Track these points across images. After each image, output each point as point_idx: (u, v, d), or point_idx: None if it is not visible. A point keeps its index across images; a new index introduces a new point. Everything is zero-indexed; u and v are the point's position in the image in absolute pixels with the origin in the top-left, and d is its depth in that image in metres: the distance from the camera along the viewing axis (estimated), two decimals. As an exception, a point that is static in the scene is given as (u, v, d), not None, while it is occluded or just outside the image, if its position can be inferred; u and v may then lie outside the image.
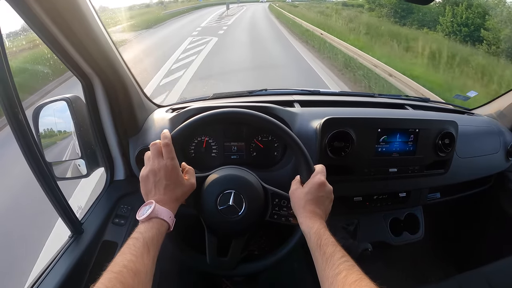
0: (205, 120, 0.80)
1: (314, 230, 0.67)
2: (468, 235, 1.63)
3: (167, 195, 0.69)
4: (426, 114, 1.29)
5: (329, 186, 0.77)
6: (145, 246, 0.59)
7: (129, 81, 1.01)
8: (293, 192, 0.79)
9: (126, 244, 0.59)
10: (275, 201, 0.83)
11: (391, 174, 1.10)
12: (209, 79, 6.11)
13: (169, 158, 0.71)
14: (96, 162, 1.04)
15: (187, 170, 0.79)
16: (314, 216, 0.72)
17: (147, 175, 0.71)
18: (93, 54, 0.85)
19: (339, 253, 0.61)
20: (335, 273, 0.57)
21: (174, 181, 0.71)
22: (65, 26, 0.74)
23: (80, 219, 0.95)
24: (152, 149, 0.72)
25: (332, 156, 1.01)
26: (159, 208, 0.66)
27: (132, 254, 0.56)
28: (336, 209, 0.81)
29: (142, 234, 0.61)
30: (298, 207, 0.75)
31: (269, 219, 0.82)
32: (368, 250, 1.05)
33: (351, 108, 1.23)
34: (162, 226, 0.65)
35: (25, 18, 0.70)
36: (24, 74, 4.15)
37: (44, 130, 0.96)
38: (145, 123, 1.09)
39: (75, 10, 0.75)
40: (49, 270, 0.82)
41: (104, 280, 0.51)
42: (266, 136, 1.08)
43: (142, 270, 0.55)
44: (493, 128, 1.39)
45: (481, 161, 1.31)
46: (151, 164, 0.71)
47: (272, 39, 11.81)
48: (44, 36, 0.75)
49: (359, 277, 0.54)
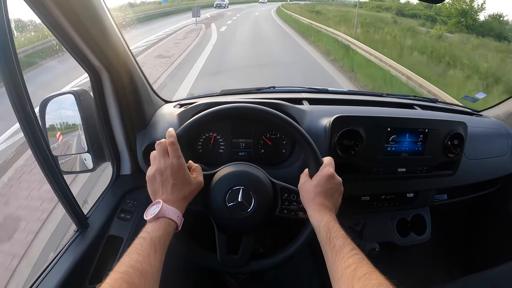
0: (208, 117, 0.78)
1: (324, 223, 0.67)
2: (474, 238, 1.62)
3: (174, 194, 0.69)
4: (435, 115, 1.28)
5: (338, 178, 0.76)
6: (152, 246, 0.58)
7: (137, 75, 1.01)
8: (301, 185, 0.78)
9: (133, 244, 0.58)
10: (284, 196, 0.82)
11: (399, 174, 1.09)
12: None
13: (175, 157, 0.70)
14: (103, 156, 1.03)
15: (194, 168, 0.78)
16: (324, 209, 0.71)
17: (153, 175, 0.70)
18: (102, 47, 0.84)
19: (349, 246, 0.60)
20: (344, 266, 0.56)
21: (181, 180, 0.70)
22: (75, 18, 0.73)
23: (86, 213, 0.94)
24: (157, 149, 0.71)
25: (342, 155, 1.00)
26: (166, 208, 0.65)
27: (139, 254, 0.56)
28: (344, 209, 0.80)
29: (149, 234, 0.60)
30: (307, 200, 0.75)
31: (279, 214, 0.81)
32: (376, 250, 1.04)
33: (360, 107, 1.22)
34: (169, 226, 0.64)
35: (35, 10, 0.69)
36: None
37: (50, 123, 0.96)
38: (153, 118, 1.08)
39: (86, 2, 0.74)
40: (54, 264, 0.82)
41: (110, 280, 0.50)
42: (275, 133, 1.08)
43: (148, 270, 0.54)
44: (502, 130, 1.38)
45: (489, 163, 1.30)
46: (157, 163, 0.70)
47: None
48: (53, 27, 0.74)
49: (369, 270, 0.53)
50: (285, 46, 10.74)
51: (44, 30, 2.59)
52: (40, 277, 0.78)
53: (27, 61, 4.39)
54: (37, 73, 4.96)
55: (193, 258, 0.82)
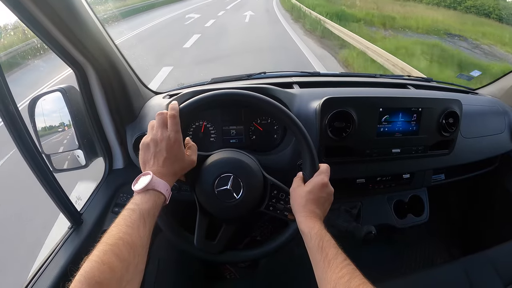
0: (212, 99, 0.76)
1: (316, 231, 0.66)
2: (473, 217, 1.61)
3: (165, 167, 0.68)
4: (429, 93, 1.26)
5: (331, 187, 0.76)
6: (141, 219, 0.57)
7: (123, 68, 0.99)
8: (294, 189, 0.77)
9: (121, 215, 0.57)
10: (273, 193, 0.81)
11: (394, 155, 1.08)
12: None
13: (174, 130, 0.69)
14: (95, 152, 1.03)
15: (190, 146, 0.77)
16: (314, 217, 0.70)
17: (148, 144, 0.69)
18: (84, 42, 0.83)
19: (341, 256, 0.60)
20: (338, 276, 0.56)
21: (174, 154, 0.69)
22: (53, 14, 0.72)
23: (80, 210, 0.94)
24: (157, 119, 0.70)
25: (333, 137, 0.99)
26: (156, 180, 0.64)
27: (127, 226, 0.55)
28: (339, 192, 0.79)
29: (138, 206, 0.59)
30: (298, 205, 0.74)
31: (264, 210, 0.81)
32: (372, 233, 1.03)
33: (352, 88, 1.21)
34: (158, 199, 0.63)
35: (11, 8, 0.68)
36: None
37: (40, 122, 0.95)
38: (142, 110, 1.07)
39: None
40: (49, 261, 0.82)
41: (99, 252, 0.49)
42: (266, 119, 1.07)
43: (138, 242, 0.54)
44: (498, 108, 1.36)
45: (486, 142, 1.29)
46: (153, 133, 0.69)
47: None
48: (31, 24, 0.72)
49: (362, 282, 0.53)
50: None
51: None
52: (36, 275, 0.79)
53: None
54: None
55: (172, 238, 0.81)
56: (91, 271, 0.46)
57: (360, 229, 1.07)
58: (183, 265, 1.03)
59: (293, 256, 1.04)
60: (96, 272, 0.46)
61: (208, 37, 8.93)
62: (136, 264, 0.52)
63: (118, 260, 0.49)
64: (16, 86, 0.71)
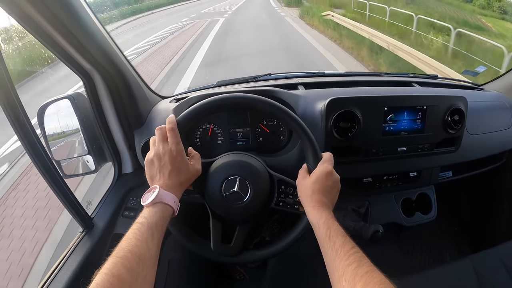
0: (206, 106, 0.79)
1: (323, 221, 0.66)
2: (481, 214, 1.60)
3: (171, 180, 0.69)
4: (434, 91, 1.26)
5: (337, 175, 0.76)
6: (149, 231, 0.59)
7: (129, 74, 1.01)
8: (300, 181, 0.78)
9: (131, 229, 0.59)
10: (281, 188, 0.82)
11: (400, 153, 1.08)
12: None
13: (174, 143, 0.71)
14: (104, 157, 1.05)
15: (193, 155, 0.79)
16: (322, 206, 0.71)
17: (151, 160, 0.71)
18: (90, 50, 0.84)
19: (349, 244, 0.60)
20: (346, 264, 0.56)
21: (178, 166, 0.71)
22: (59, 24, 0.73)
23: (90, 214, 0.96)
24: (157, 134, 0.73)
25: (339, 138, 1.00)
26: (163, 193, 0.66)
27: (136, 239, 0.57)
28: (346, 191, 0.80)
29: (147, 219, 0.61)
30: (305, 196, 0.74)
31: (275, 207, 0.82)
32: (379, 232, 1.03)
33: (357, 87, 1.20)
34: (166, 211, 0.65)
35: (18, 20, 0.70)
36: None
37: (50, 129, 0.97)
38: (149, 115, 1.09)
39: (67, 8, 0.74)
40: (61, 265, 0.84)
41: (109, 265, 0.51)
42: (272, 120, 1.07)
43: (146, 255, 0.56)
44: (504, 103, 1.34)
45: (493, 138, 1.28)
46: (156, 148, 0.72)
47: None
48: (39, 35, 0.74)
49: (370, 269, 0.54)
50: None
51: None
52: (49, 279, 0.80)
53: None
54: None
55: (187, 244, 0.83)
56: (102, 283, 0.49)
57: (368, 228, 1.07)
58: (193, 266, 1.04)
59: (299, 255, 1.05)
60: (106, 284, 0.49)
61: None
62: (145, 275, 0.54)
63: (127, 271, 0.51)
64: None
